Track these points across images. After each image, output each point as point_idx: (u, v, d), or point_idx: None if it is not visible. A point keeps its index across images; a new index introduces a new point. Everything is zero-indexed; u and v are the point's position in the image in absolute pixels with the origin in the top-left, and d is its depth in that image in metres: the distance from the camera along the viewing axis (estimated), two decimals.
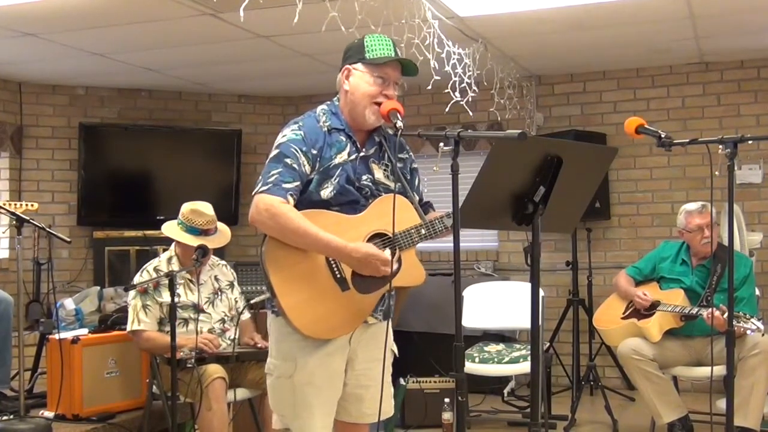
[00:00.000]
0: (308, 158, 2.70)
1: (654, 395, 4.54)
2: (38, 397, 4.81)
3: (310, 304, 2.68)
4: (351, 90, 2.79)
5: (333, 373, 2.79)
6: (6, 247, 6.36)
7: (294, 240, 2.65)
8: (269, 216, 2.62)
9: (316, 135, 2.74)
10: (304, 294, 2.68)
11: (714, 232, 4.66)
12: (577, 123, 6.65)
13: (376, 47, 2.78)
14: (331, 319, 2.71)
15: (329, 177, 2.73)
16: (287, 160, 2.68)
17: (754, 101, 6.25)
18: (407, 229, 2.75)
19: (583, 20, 5.10)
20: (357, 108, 2.79)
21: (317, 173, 2.72)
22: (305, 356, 2.73)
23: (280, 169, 2.67)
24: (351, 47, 2.84)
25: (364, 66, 2.78)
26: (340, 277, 2.72)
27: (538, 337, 2.56)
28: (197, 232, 4.23)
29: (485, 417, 5.54)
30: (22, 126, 6.67)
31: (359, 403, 2.88)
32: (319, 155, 2.72)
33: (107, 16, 4.83)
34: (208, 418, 3.94)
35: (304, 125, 2.75)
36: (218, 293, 4.37)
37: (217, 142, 7.14)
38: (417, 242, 2.78)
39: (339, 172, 2.74)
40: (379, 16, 3.84)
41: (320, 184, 2.72)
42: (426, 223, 2.77)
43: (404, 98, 6.61)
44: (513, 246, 6.77)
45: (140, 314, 4.19)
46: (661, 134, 2.97)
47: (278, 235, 2.66)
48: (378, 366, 2.79)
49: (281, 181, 2.65)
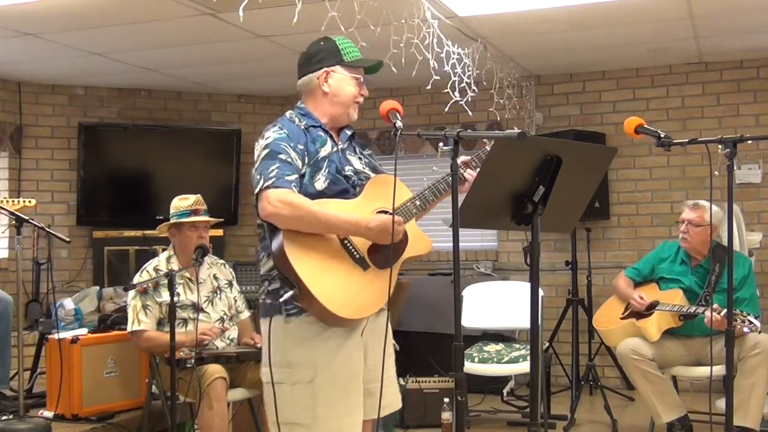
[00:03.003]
0: (297, 153, 2.75)
1: (653, 395, 4.54)
2: (37, 397, 4.81)
3: (338, 288, 2.69)
4: (333, 92, 2.88)
5: (355, 369, 2.78)
6: (5, 247, 6.35)
7: (313, 225, 2.68)
8: (284, 206, 2.63)
9: (298, 133, 2.81)
10: (331, 278, 2.69)
11: (713, 232, 4.66)
12: (577, 123, 6.65)
13: (350, 50, 2.91)
14: (359, 298, 2.73)
15: (320, 169, 2.79)
16: (281, 156, 2.72)
17: (753, 101, 6.25)
18: (404, 203, 2.85)
19: (583, 20, 5.10)
20: (341, 108, 2.90)
21: (308, 167, 2.78)
22: (325, 358, 2.71)
23: (278, 164, 2.70)
24: (321, 50, 2.90)
25: (343, 68, 2.88)
26: (359, 257, 2.76)
27: (537, 336, 2.56)
28: (186, 213, 4.29)
29: (484, 417, 5.54)
30: (22, 126, 6.67)
31: (371, 397, 2.84)
32: (306, 150, 2.78)
33: (107, 16, 4.83)
34: (208, 417, 3.94)
35: (284, 126, 2.81)
36: (217, 292, 4.37)
37: (216, 142, 7.15)
38: (415, 213, 2.87)
39: (327, 164, 2.81)
40: (379, 15, 3.84)
41: (313, 176, 2.78)
42: (418, 195, 2.87)
43: (404, 98, 6.65)
44: (512, 246, 6.77)
45: (140, 315, 4.19)
46: (660, 134, 2.98)
47: (296, 223, 2.66)
48: (386, 360, 2.84)
49: (283, 174, 2.68)
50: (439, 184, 2.90)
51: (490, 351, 5.17)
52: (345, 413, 2.74)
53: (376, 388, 2.80)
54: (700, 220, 4.65)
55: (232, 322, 4.39)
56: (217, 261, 4.53)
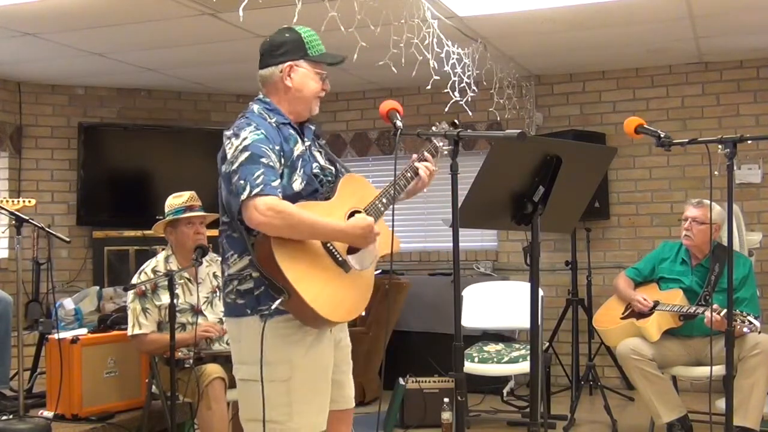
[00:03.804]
0: (275, 155, 2.68)
1: (653, 395, 4.54)
2: (37, 397, 4.81)
3: (326, 292, 2.68)
4: (296, 87, 2.80)
5: (326, 367, 2.81)
6: (5, 247, 6.36)
7: (302, 232, 2.65)
8: (274, 214, 2.57)
9: (273, 132, 2.74)
10: (319, 283, 2.67)
11: (716, 231, 4.66)
12: (577, 123, 6.65)
13: (315, 43, 2.83)
14: (346, 301, 2.74)
15: (295, 169, 2.74)
16: (263, 160, 2.64)
17: (753, 101, 6.25)
18: (371, 202, 2.84)
19: (583, 20, 5.10)
20: (303, 103, 2.83)
21: (285, 167, 2.72)
22: (300, 356, 2.71)
23: (262, 169, 2.62)
24: (285, 42, 2.81)
25: (307, 63, 2.81)
26: (341, 259, 2.75)
27: (537, 336, 2.56)
28: (181, 210, 4.26)
29: (484, 417, 5.54)
30: (22, 126, 6.67)
31: (340, 389, 2.90)
32: (282, 150, 2.72)
33: (107, 16, 4.83)
34: (207, 417, 3.93)
35: (260, 125, 2.73)
36: (217, 292, 4.35)
37: (216, 142, 6.90)
38: (383, 212, 2.86)
39: (301, 163, 2.76)
40: (379, 15, 3.84)
41: (290, 177, 2.73)
42: (383, 193, 2.85)
43: (404, 98, 6.65)
44: (512, 246, 6.77)
45: (140, 318, 4.17)
46: (660, 134, 2.98)
47: (286, 231, 2.62)
48: (349, 349, 2.94)
49: (269, 180, 2.62)
50: (399, 180, 2.86)
51: (490, 351, 5.17)
52: (318, 412, 2.77)
53: (346, 378, 2.94)
54: (704, 217, 4.64)
55: None
56: (216, 258, 4.48)
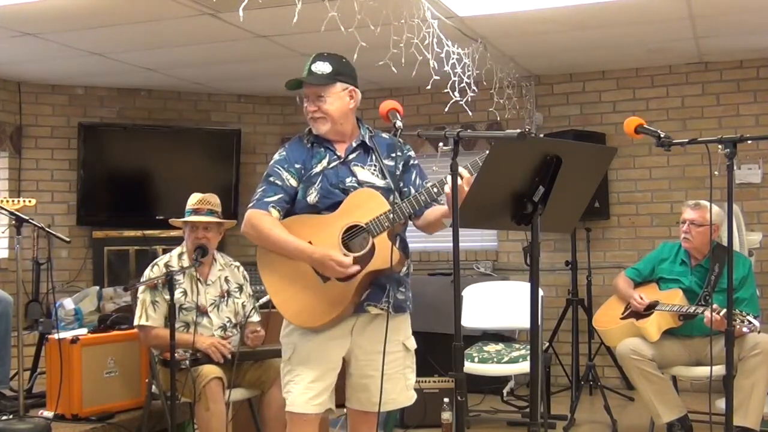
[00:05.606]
0: (291, 173, 3.07)
1: (653, 395, 4.54)
2: (37, 397, 4.81)
3: (295, 298, 3.02)
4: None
5: (327, 359, 3.05)
6: (5, 247, 6.36)
7: (271, 246, 3.03)
8: (251, 227, 3.05)
9: (299, 152, 3.10)
10: (291, 290, 3.03)
11: (715, 232, 4.66)
12: (577, 123, 6.65)
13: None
14: (313, 308, 3.00)
15: (312, 184, 3.06)
16: (271, 178, 3.08)
17: (753, 101, 6.25)
18: (377, 216, 2.96)
19: (583, 20, 5.10)
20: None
21: (302, 182, 3.07)
22: (303, 342, 3.06)
23: (264, 186, 3.08)
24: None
25: None
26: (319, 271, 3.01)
27: (537, 336, 2.56)
28: (189, 212, 4.29)
29: (484, 417, 5.54)
30: (22, 126, 6.67)
31: (366, 392, 3.11)
32: (303, 167, 3.07)
33: (107, 16, 4.83)
34: (206, 418, 3.93)
35: (288, 147, 3.14)
36: (225, 297, 4.32)
37: (216, 142, 7.15)
38: (388, 227, 2.96)
39: (320, 179, 3.06)
40: (379, 15, 3.84)
41: (306, 191, 3.06)
42: (392, 208, 2.96)
43: (404, 98, 6.65)
44: (512, 246, 6.77)
45: (148, 309, 4.18)
46: (660, 134, 2.98)
47: (260, 242, 3.07)
48: (386, 357, 3.04)
49: (264, 196, 3.05)
50: (420, 195, 2.98)
51: (490, 351, 5.17)
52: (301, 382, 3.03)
53: (372, 383, 3.06)
54: (702, 219, 4.64)
55: (236, 329, 4.30)
56: (231, 263, 4.47)
